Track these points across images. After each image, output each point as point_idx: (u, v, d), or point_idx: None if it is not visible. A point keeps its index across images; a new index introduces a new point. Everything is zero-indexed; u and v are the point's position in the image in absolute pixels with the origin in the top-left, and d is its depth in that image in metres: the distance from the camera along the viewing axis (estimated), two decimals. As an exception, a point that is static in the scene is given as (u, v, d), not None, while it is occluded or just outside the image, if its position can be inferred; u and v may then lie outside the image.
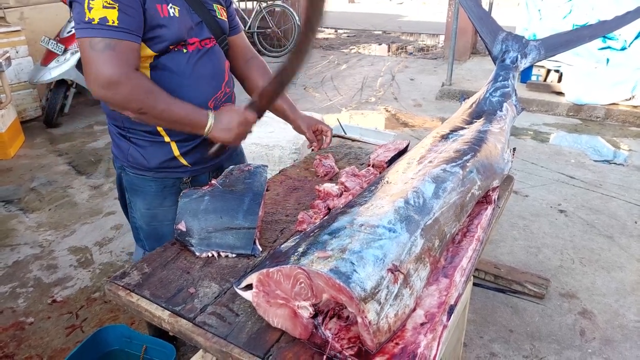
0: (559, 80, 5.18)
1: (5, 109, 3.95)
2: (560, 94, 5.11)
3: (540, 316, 2.17)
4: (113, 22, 1.10)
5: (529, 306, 2.23)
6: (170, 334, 1.01)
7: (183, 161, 1.44)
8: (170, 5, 1.26)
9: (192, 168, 1.46)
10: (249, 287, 1.00)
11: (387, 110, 5.11)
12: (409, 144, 1.66)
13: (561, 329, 2.09)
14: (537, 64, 5.07)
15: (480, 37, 2.14)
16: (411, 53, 8.07)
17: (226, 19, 1.47)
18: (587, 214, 3.01)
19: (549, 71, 5.27)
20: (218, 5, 1.42)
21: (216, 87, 1.42)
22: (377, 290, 0.89)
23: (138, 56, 1.19)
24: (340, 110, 5.10)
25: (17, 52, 4.49)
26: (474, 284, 2.28)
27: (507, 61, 2.02)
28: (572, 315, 2.17)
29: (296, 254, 0.97)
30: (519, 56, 2.03)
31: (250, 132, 1.37)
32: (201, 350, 1.14)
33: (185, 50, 1.31)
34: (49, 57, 4.31)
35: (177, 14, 1.26)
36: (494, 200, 1.39)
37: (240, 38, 1.58)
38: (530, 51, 2.04)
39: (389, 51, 8.35)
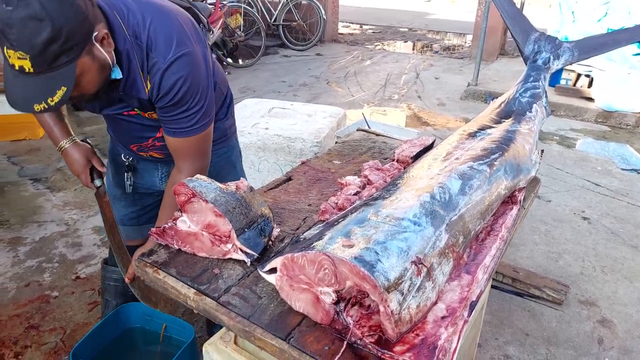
0: (589, 85, 5.06)
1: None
2: (589, 99, 4.99)
3: (557, 322, 2.14)
4: None
5: (547, 311, 2.20)
6: (195, 311, 1.04)
7: None
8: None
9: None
10: (272, 270, 1.02)
11: (409, 108, 5.08)
12: (434, 140, 1.65)
13: (579, 335, 2.07)
14: (567, 67, 5.00)
15: (512, 36, 2.11)
16: (437, 52, 7.98)
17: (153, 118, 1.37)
18: (611, 223, 2.95)
19: (579, 76, 5.15)
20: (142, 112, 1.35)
21: (138, 140, 1.48)
22: (400, 281, 0.90)
23: None
24: (363, 106, 5.08)
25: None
26: (492, 286, 2.27)
27: (539, 62, 1.99)
28: (590, 322, 2.14)
29: (320, 241, 0.98)
30: (552, 57, 1.99)
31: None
32: (223, 328, 1.16)
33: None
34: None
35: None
36: (520, 200, 1.38)
37: (168, 141, 1.37)
38: (563, 53, 2.01)
39: (413, 49, 8.27)
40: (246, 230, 1.11)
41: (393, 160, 1.59)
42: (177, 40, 1.19)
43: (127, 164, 1.60)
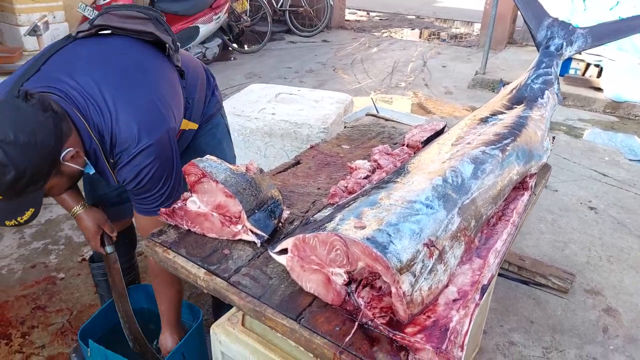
0: (599, 75, 4.99)
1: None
2: (598, 89, 4.93)
3: (563, 310, 2.14)
4: None
5: (552, 299, 2.20)
6: (205, 291, 1.04)
7: None
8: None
9: None
10: (283, 251, 1.01)
11: (416, 96, 5.04)
12: (445, 125, 1.63)
13: (584, 323, 2.07)
14: (576, 57, 4.92)
15: (525, 21, 2.08)
16: (444, 40, 7.89)
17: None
18: (618, 213, 2.93)
19: (588, 65, 5.08)
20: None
21: None
22: (412, 262, 0.89)
23: None
24: (369, 93, 5.05)
25: (54, 17, 4.57)
26: (498, 274, 2.26)
27: (552, 48, 1.96)
28: (596, 311, 2.14)
29: (331, 222, 0.98)
30: (565, 43, 1.96)
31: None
32: (231, 310, 1.17)
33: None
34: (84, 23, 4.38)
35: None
36: (531, 186, 1.37)
37: (135, 216, 1.42)
38: (576, 39, 1.98)
39: (421, 36, 8.18)
40: (256, 211, 1.11)
41: (403, 145, 1.58)
42: (139, 134, 1.18)
43: None
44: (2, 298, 2.16)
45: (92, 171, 1.22)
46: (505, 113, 1.56)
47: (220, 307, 1.97)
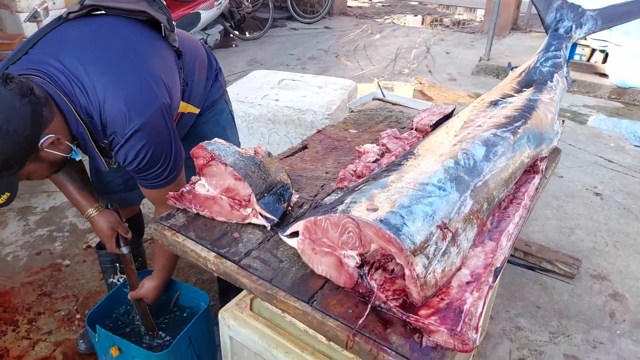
0: (604, 61, 4.93)
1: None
2: (603, 75, 4.88)
3: (569, 295, 2.14)
4: None
5: (558, 285, 2.20)
6: (215, 274, 1.03)
7: None
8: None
9: None
10: (294, 234, 1.00)
11: (420, 83, 4.99)
12: (454, 108, 1.61)
13: (590, 309, 2.07)
14: (581, 42, 4.85)
15: (534, 3, 2.04)
16: (447, 26, 7.80)
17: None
18: (624, 198, 2.92)
19: (593, 51, 5.02)
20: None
21: None
22: (426, 245, 0.88)
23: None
24: (373, 80, 5.00)
25: (54, 4, 4.51)
26: (503, 260, 2.26)
27: (561, 30, 1.93)
28: (602, 296, 2.14)
29: (342, 204, 0.96)
30: (574, 26, 1.93)
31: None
32: (239, 294, 1.16)
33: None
34: (85, 9, 4.33)
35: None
36: (542, 170, 1.35)
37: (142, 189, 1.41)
38: (586, 21, 1.94)
39: (423, 23, 8.09)
40: (265, 195, 1.09)
41: (411, 128, 1.56)
42: (129, 113, 1.14)
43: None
44: (8, 284, 2.16)
45: (78, 157, 1.19)
46: (515, 96, 1.53)
47: (226, 293, 1.97)
